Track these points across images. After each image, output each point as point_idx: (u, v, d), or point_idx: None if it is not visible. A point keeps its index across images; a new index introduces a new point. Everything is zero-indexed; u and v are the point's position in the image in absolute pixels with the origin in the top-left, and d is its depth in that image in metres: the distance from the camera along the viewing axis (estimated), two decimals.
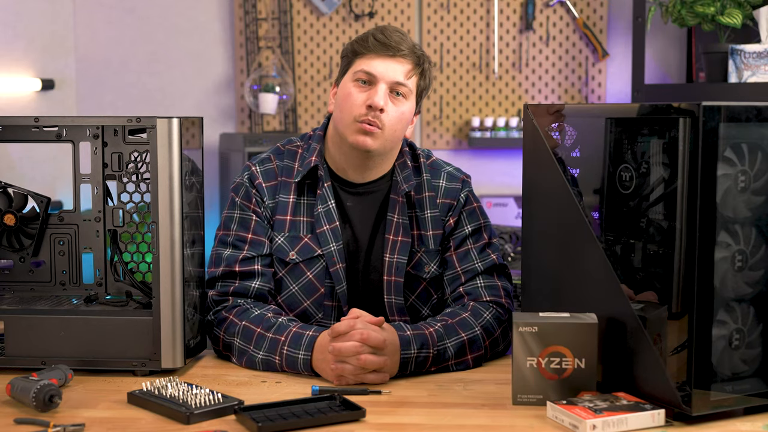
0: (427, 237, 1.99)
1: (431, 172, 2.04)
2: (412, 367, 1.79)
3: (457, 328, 1.85)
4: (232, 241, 1.97)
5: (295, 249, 1.96)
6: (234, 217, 1.99)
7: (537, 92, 3.99)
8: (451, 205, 2.01)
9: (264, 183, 1.99)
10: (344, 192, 2.01)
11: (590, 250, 1.68)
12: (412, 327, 1.83)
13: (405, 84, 1.94)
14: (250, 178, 2.01)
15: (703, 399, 1.54)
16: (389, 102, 1.93)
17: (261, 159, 2.03)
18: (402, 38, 1.95)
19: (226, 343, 1.89)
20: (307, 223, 1.98)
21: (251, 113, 4.05)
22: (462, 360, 1.86)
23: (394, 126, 1.94)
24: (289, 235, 1.97)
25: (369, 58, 1.94)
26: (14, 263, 1.98)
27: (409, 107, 1.96)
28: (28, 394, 1.59)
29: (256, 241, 1.97)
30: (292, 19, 4.01)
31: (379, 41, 1.93)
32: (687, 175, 1.52)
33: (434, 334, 1.82)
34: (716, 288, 1.54)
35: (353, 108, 1.93)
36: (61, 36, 3.99)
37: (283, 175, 2.00)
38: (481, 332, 1.88)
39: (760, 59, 3.11)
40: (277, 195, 1.99)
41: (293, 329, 1.83)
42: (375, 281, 1.98)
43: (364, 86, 1.94)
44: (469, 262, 1.98)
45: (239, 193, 2.01)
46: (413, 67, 1.95)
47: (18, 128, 1.93)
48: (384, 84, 1.92)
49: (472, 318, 1.89)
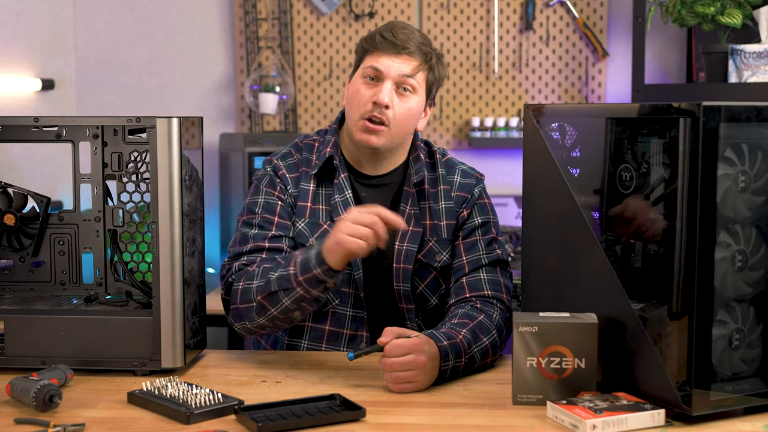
0: (441, 226, 2.02)
1: (446, 169, 2.08)
2: (447, 376, 1.79)
3: (479, 334, 1.86)
4: (258, 222, 1.98)
5: (315, 235, 1.99)
6: (259, 202, 2.01)
7: (537, 92, 3.99)
8: (465, 198, 2.05)
9: (287, 174, 2.03)
10: (359, 184, 2.04)
11: (590, 250, 1.68)
12: (444, 335, 1.80)
13: (412, 79, 1.96)
14: (274, 169, 2.04)
15: (703, 399, 1.54)
16: (396, 98, 1.96)
17: (282, 154, 2.07)
18: (409, 35, 1.97)
19: (245, 290, 1.85)
20: (326, 211, 2.01)
21: (251, 113, 4.05)
22: (483, 363, 1.87)
23: (401, 121, 1.97)
24: (310, 221, 2.00)
25: (377, 55, 1.97)
26: (14, 263, 1.98)
27: (417, 102, 1.98)
28: (28, 394, 1.59)
29: (282, 224, 1.99)
30: (292, 19, 4.01)
31: (385, 39, 1.96)
32: (687, 175, 1.52)
33: (464, 341, 1.82)
34: (716, 288, 1.54)
35: (360, 104, 1.96)
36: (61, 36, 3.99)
37: (304, 166, 2.04)
38: (496, 334, 1.90)
39: (760, 59, 3.11)
40: (299, 184, 2.02)
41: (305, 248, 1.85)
42: (387, 269, 2.01)
43: (372, 82, 1.97)
44: (475, 253, 2.00)
45: (263, 181, 2.03)
46: (420, 63, 1.97)
47: (18, 128, 1.93)
48: (390, 80, 1.95)
49: (488, 321, 1.90)
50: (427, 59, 1.98)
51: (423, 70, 1.98)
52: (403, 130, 1.99)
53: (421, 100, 2.00)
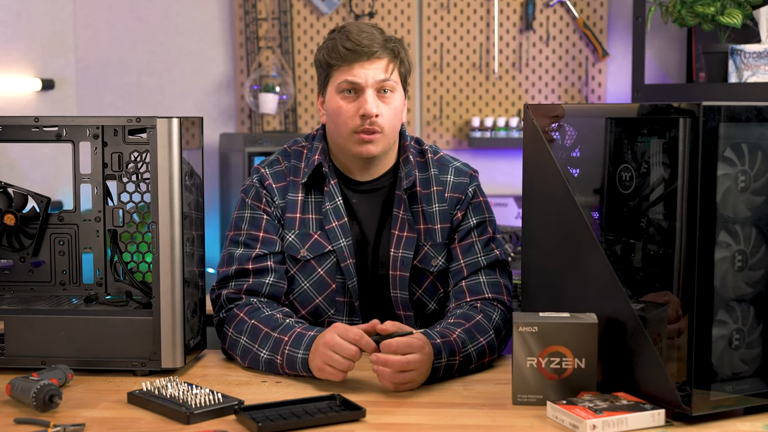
0: (435, 230, 1.99)
1: (439, 168, 2.04)
2: (440, 374, 1.78)
3: (475, 333, 1.85)
4: (243, 240, 1.97)
5: (306, 246, 1.97)
6: (245, 217, 1.99)
7: (537, 92, 3.99)
8: (459, 199, 2.01)
9: (274, 184, 2.00)
10: (349, 190, 2.01)
11: (590, 250, 1.68)
12: (438, 334, 1.80)
13: (389, 80, 1.94)
14: (260, 179, 2.01)
15: (703, 399, 1.54)
16: (380, 103, 1.93)
17: (269, 162, 2.04)
18: (370, 36, 1.92)
19: (233, 340, 1.89)
20: (316, 220, 1.98)
21: (251, 113, 4.05)
22: (480, 363, 1.86)
23: (391, 123, 1.96)
24: (300, 232, 1.97)
25: (346, 67, 1.92)
26: (14, 263, 1.98)
27: (399, 99, 1.97)
28: (28, 394, 1.59)
29: (267, 240, 1.97)
30: (292, 19, 4.01)
31: (349, 49, 1.91)
32: (687, 175, 1.51)
33: (458, 340, 1.81)
34: (716, 288, 1.54)
35: (347, 121, 1.93)
36: (61, 36, 3.99)
37: (291, 175, 2.01)
38: (494, 335, 1.89)
39: (760, 59, 3.11)
40: (286, 195, 2.00)
41: (298, 330, 1.82)
42: (383, 276, 1.99)
43: (351, 95, 1.93)
44: (472, 256, 1.98)
45: (249, 194, 2.01)
46: (390, 61, 1.94)
47: (18, 128, 1.93)
48: (370, 89, 1.92)
49: (486, 321, 1.89)
50: (395, 54, 1.95)
51: (395, 66, 1.95)
52: (395, 130, 1.98)
53: (402, 94, 1.99)
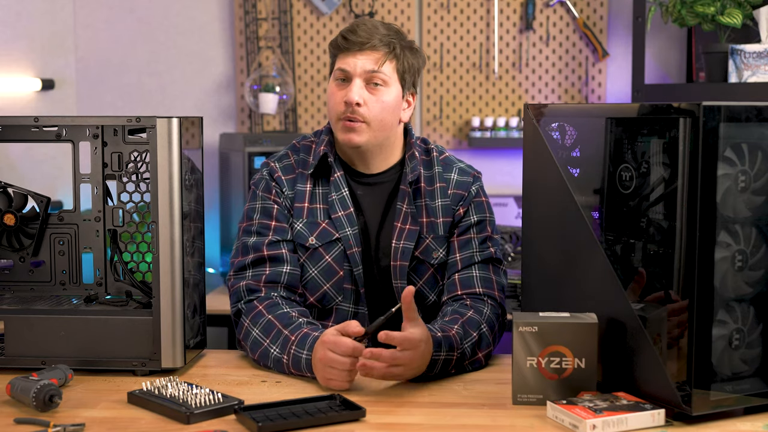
0: (437, 224, 2.03)
1: (443, 166, 2.08)
2: (437, 368, 1.80)
3: (468, 328, 1.87)
4: (256, 229, 2.00)
5: (314, 234, 2.00)
6: (256, 208, 2.03)
7: (537, 92, 3.99)
8: (462, 196, 2.05)
9: (283, 176, 2.04)
10: (355, 182, 2.06)
11: (590, 250, 1.68)
12: (438, 328, 1.83)
13: (379, 72, 1.96)
14: (269, 172, 2.06)
15: (703, 399, 1.54)
16: (367, 94, 1.96)
17: (279, 156, 2.09)
18: (371, 30, 1.97)
19: (247, 331, 1.90)
20: (324, 209, 2.02)
21: (251, 113, 4.05)
22: (475, 359, 1.87)
23: (379, 116, 1.97)
24: (308, 221, 2.01)
25: (343, 56, 1.99)
26: (14, 263, 1.98)
27: (391, 94, 1.99)
28: (28, 394, 1.59)
29: (279, 228, 2.00)
30: (292, 19, 4.01)
31: (347, 39, 1.98)
32: (687, 175, 1.51)
33: (456, 336, 1.83)
34: (716, 288, 1.54)
35: (335, 107, 1.99)
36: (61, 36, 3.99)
37: (300, 168, 2.05)
38: (486, 328, 1.90)
39: (760, 59, 3.11)
40: (295, 186, 2.04)
41: (304, 330, 1.83)
42: (385, 267, 2.02)
43: (343, 83, 1.99)
44: (468, 251, 2.01)
45: (260, 186, 2.05)
46: (383, 55, 1.97)
47: (18, 128, 1.93)
48: (358, 78, 1.96)
49: (477, 315, 1.91)
50: (390, 49, 1.98)
51: (389, 60, 1.98)
52: (383, 124, 1.99)
53: (397, 90, 2.00)
